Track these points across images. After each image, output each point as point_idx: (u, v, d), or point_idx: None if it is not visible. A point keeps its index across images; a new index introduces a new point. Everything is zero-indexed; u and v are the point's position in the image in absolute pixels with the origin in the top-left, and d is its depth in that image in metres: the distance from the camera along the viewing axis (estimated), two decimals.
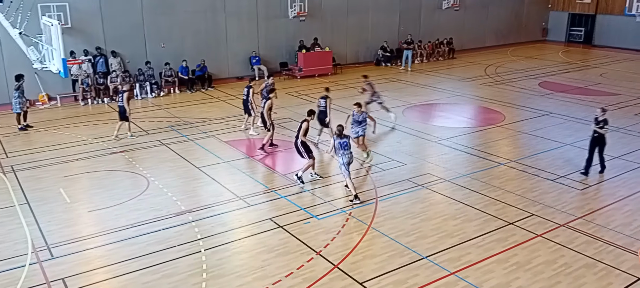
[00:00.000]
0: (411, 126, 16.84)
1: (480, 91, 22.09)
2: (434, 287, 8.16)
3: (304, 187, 11.89)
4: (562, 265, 8.80)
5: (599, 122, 12.58)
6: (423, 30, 30.34)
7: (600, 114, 12.60)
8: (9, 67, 19.15)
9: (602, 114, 12.59)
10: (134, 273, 8.57)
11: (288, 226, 10.12)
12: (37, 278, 8.41)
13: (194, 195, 11.75)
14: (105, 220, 10.45)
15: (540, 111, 18.67)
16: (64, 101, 20.02)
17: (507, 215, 10.55)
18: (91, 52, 20.76)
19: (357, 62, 28.26)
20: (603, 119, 12.56)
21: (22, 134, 16.27)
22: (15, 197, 11.49)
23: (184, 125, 16.57)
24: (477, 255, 9.08)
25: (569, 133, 16.06)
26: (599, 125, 12.57)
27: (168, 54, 22.14)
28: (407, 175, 12.70)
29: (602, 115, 12.58)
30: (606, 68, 27.65)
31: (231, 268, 8.72)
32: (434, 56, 30.17)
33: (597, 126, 12.59)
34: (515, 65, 28.37)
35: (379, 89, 17.10)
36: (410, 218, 10.49)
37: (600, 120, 12.56)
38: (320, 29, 26.41)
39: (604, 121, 12.57)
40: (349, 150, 11.33)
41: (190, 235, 9.82)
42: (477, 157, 14.02)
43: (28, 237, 9.72)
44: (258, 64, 24.54)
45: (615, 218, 10.48)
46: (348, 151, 11.29)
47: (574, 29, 36.61)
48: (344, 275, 8.47)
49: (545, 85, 23.12)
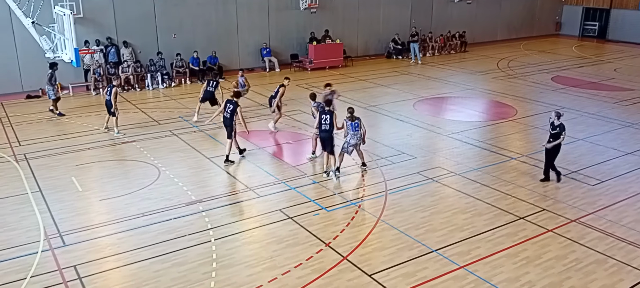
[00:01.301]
0: (422, 119, 16.77)
1: (492, 85, 21.95)
2: (443, 280, 8.14)
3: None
4: (573, 260, 8.75)
5: (555, 127, 11.48)
6: (435, 23, 30.15)
7: (555, 119, 11.47)
8: (22, 56, 19.33)
9: (558, 119, 11.47)
10: (144, 261, 8.64)
11: (297, 217, 10.14)
12: (49, 265, 8.51)
13: (204, 185, 11.81)
14: (116, 209, 10.54)
15: (553, 106, 18.50)
16: (76, 90, 20.17)
17: (517, 210, 10.50)
18: (103, 42, 20.88)
19: (368, 55, 28.18)
20: (559, 124, 11.44)
21: (45, 121, 16.41)
22: (27, 185, 11.61)
23: (194, 115, 16.61)
24: (487, 249, 9.05)
25: (581, 128, 15.92)
26: (555, 130, 11.49)
27: (179, 44, 22.21)
28: (417, 168, 12.67)
29: (557, 120, 11.47)
30: (620, 63, 27.34)
31: (241, 258, 8.77)
32: (446, 49, 29.99)
33: (553, 132, 11.51)
34: (528, 59, 28.13)
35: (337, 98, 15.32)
36: (420, 211, 10.47)
37: (556, 125, 11.46)
38: (332, 21, 26.33)
39: (560, 127, 11.44)
40: (359, 132, 11.89)
41: (201, 224, 9.87)
42: (488, 151, 13.94)
43: (40, 225, 9.83)
44: (269, 56, 24.55)
45: (627, 215, 10.39)
46: (358, 132, 11.86)
47: (588, 23, 36.20)
48: (353, 267, 8.48)
49: (558, 80, 22.91)
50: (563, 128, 11.45)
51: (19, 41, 18.99)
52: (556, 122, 11.45)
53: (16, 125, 16.08)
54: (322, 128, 11.99)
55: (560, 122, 11.46)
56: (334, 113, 12.11)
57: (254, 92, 20.36)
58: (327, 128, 11.93)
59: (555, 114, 11.54)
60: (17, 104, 18.57)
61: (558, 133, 11.44)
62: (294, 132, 15.41)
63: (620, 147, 14.26)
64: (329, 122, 11.91)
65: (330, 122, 11.91)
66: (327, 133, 11.95)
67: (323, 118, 11.99)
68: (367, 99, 19.26)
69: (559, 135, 11.43)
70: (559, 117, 11.49)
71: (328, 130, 11.93)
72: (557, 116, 11.47)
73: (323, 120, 11.97)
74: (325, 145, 12.07)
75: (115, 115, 15.13)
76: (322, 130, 12.01)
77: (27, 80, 19.62)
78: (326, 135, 11.96)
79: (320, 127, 12.02)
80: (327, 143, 12.03)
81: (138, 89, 20.77)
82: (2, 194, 11.18)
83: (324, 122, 11.95)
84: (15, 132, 15.37)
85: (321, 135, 12.08)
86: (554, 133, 11.51)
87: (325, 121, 11.94)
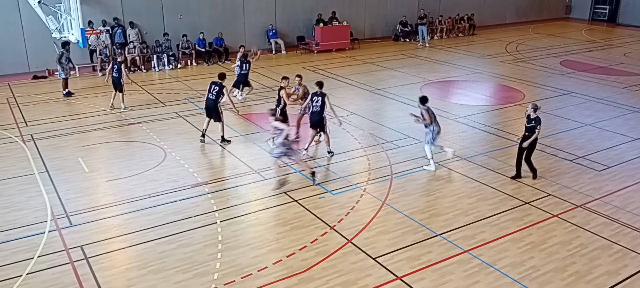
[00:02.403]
0: (429, 103, 16.63)
1: (500, 69, 21.78)
2: (447, 264, 8.16)
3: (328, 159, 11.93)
4: (578, 246, 8.73)
5: (530, 121, 10.69)
6: (443, 5, 29.86)
7: (532, 112, 10.68)
8: (29, 37, 19.34)
9: (534, 112, 10.68)
10: (150, 242, 8.70)
11: (302, 200, 10.16)
12: (56, 245, 8.59)
13: (210, 167, 11.84)
14: (123, 190, 10.60)
15: (561, 90, 18.37)
16: (82, 71, 20.20)
17: (523, 195, 10.47)
18: (109, 23, 20.85)
19: (375, 37, 27.99)
20: (535, 117, 10.65)
21: (52, 101, 16.47)
22: (34, 166, 11.69)
23: (200, 97, 16.58)
24: (492, 233, 9.05)
25: (589, 113, 15.80)
26: (530, 124, 10.70)
27: (185, 25, 22.14)
28: (422, 152, 12.62)
29: (534, 113, 10.68)
30: (630, 47, 27.03)
31: (246, 240, 8.81)
32: (454, 32, 29.74)
33: (528, 125, 10.74)
34: (537, 42, 27.86)
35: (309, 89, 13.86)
36: (425, 195, 10.47)
37: (532, 118, 10.66)
38: (339, 3, 26.13)
39: (536, 120, 10.64)
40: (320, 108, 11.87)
41: (206, 206, 9.92)
42: (495, 136, 13.88)
43: (47, 205, 9.90)
44: (275, 38, 24.44)
45: (633, 201, 10.34)
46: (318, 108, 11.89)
47: (598, 6, 35.73)
48: (358, 250, 8.51)
49: (567, 64, 22.70)
50: (538, 121, 10.62)
51: (26, 21, 18.99)
52: (532, 115, 10.64)
53: (23, 105, 16.14)
54: (313, 110, 11.99)
55: (536, 115, 10.66)
56: (326, 95, 12.06)
57: (258, 74, 20.34)
58: (317, 110, 11.95)
59: (532, 106, 10.73)
60: (24, 84, 18.62)
61: (533, 127, 10.63)
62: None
63: (628, 132, 14.15)
64: (320, 104, 11.92)
65: (322, 103, 11.92)
66: (318, 115, 11.97)
67: (315, 100, 11.97)
68: (373, 82, 19.17)
69: (534, 129, 10.62)
70: (535, 110, 10.67)
71: (318, 113, 11.95)
72: (533, 109, 10.66)
73: (314, 102, 11.96)
74: (317, 125, 12.11)
75: (122, 91, 15.35)
76: (312, 112, 12.02)
77: (34, 60, 19.66)
78: (317, 117, 11.98)
79: (312, 110, 12.01)
80: (318, 124, 12.06)
81: (144, 70, 20.77)
82: (10, 174, 11.26)
83: (315, 104, 11.95)
84: (22, 113, 15.43)
85: (312, 118, 12.06)
86: (528, 127, 10.72)
87: (316, 103, 11.94)
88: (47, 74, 19.73)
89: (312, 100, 12.08)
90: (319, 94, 12.09)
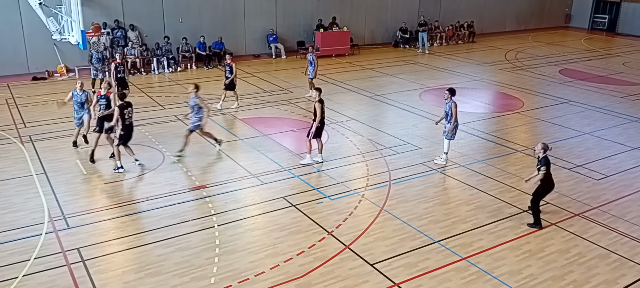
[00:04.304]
0: (427, 110, 16.71)
1: (499, 76, 21.81)
2: (445, 271, 8.15)
3: (319, 166, 11.92)
4: (576, 254, 8.72)
5: (539, 162, 9.36)
6: (443, 12, 29.93)
7: (541, 152, 9.33)
8: (29, 38, 19.34)
9: (543, 152, 9.32)
10: (147, 245, 8.68)
11: (301, 205, 10.15)
12: (53, 247, 8.56)
13: (208, 171, 11.83)
14: (120, 193, 10.58)
15: (560, 99, 18.40)
16: (82, 73, 20.17)
17: (521, 203, 10.46)
18: (110, 25, 20.85)
19: (375, 43, 28.04)
20: (542, 157, 9.30)
21: (51, 102, 16.44)
22: (32, 167, 11.66)
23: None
24: (490, 241, 9.04)
25: (588, 122, 15.82)
26: (537, 165, 9.38)
27: (185, 29, 22.16)
28: (421, 159, 12.64)
29: (542, 153, 9.32)
30: (629, 57, 27.10)
31: (243, 244, 8.79)
32: (454, 39, 29.80)
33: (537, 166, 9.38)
34: (536, 51, 27.92)
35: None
36: (423, 202, 10.46)
37: (540, 158, 9.34)
38: (339, 8, 26.19)
39: (541, 161, 9.28)
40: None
41: (204, 210, 9.90)
42: (493, 143, 13.89)
43: (45, 207, 9.88)
44: (275, 42, 24.47)
45: (631, 210, 10.34)
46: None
47: (598, 16, 35.84)
48: (355, 256, 8.49)
49: (566, 73, 22.74)
50: (543, 162, 9.27)
51: (26, 22, 18.99)
52: (541, 155, 9.35)
53: (22, 106, 16.13)
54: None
55: (544, 155, 9.33)
56: (323, 102, 12.04)
57: (258, 78, 20.39)
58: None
59: (542, 146, 9.36)
60: (23, 85, 18.62)
61: (538, 167, 9.32)
62: (298, 120, 15.38)
63: (626, 142, 14.17)
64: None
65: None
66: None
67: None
68: (373, 88, 19.19)
69: (538, 170, 9.31)
70: (544, 150, 9.33)
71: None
72: (542, 149, 9.33)
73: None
74: (321, 133, 12.17)
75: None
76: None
77: (34, 61, 19.65)
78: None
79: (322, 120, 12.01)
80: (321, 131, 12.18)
81: (144, 73, 20.78)
82: (7, 175, 11.24)
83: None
84: (20, 114, 15.42)
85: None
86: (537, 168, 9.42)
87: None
88: (47, 75, 19.72)
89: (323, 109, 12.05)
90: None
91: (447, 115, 12.08)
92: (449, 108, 11.94)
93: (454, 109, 11.89)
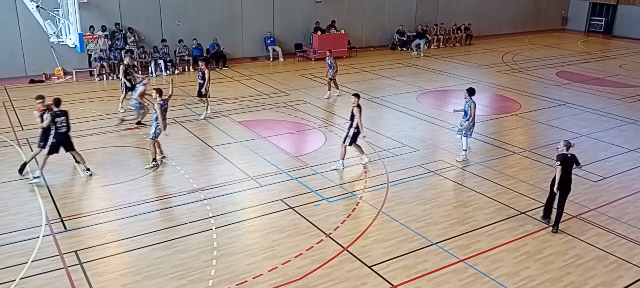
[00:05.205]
0: (425, 112, 16.73)
1: (496, 79, 21.86)
2: (443, 273, 8.15)
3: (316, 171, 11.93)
4: (573, 256, 8.74)
5: (558, 158, 9.23)
6: (440, 14, 30.00)
7: (564, 149, 9.21)
8: (26, 41, 19.31)
9: (566, 149, 9.21)
10: (145, 248, 8.66)
11: (299, 207, 10.15)
12: (50, 249, 8.54)
13: (206, 173, 11.82)
14: (118, 195, 10.56)
15: (557, 101, 18.45)
16: (80, 76, 20.17)
17: (519, 205, 10.48)
18: (109, 28, 20.84)
19: (372, 46, 28.07)
20: (560, 153, 9.25)
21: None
22: (30, 169, 11.62)
23: (198, 103, 16.59)
24: (487, 243, 9.05)
25: (585, 124, 15.86)
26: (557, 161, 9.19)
27: (183, 31, 22.16)
28: (419, 161, 12.65)
29: (565, 150, 9.21)
30: (626, 59, 27.19)
31: (241, 246, 8.78)
32: (451, 42, 29.86)
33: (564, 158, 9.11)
34: (533, 53, 28.00)
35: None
36: (421, 204, 10.47)
37: (559, 154, 9.26)
38: (337, 11, 26.23)
39: (558, 157, 9.24)
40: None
41: (202, 213, 9.89)
42: (491, 146, 13.91)
43: (42, 209, 9.86)
44: (273, 45, 24.48)
45: (628, 211, 10.37)
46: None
47: (595, 18, 35.98)
48: (353, 258, 8.49)
49: (563, 75, 22.81)
50: (559, 158, 9.23)
51: (23, 25, 18.96)
52: (559, 151, 9.32)
53: (19, 109, 16.10)
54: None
55: (563, 152, 9.23)
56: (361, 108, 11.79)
57: (256, 80, 20.40)
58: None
59: (564, 143, 9.27)
60: (20, 88, 18.58)
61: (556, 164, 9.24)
62: (296, 123, 15.39)
63: (623, 143, 14.22)
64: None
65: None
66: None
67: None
68: (370, 91, 19.21)
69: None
70: (567, 147, 9.20)
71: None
72: (565, 146, 9.21)
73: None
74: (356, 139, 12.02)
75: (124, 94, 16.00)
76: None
77: (31, 64, 19.63)
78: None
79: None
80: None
81: (141, 75, 20.74)
82: (5, 178, 11.22)
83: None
84: (18, 116, 15.39)
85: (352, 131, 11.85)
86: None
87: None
88: (44, 78, 19.69)
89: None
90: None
91: (466, 113, 12.37)
92: (469, 107, 12.28)
93: (473, 108, 12.23)
